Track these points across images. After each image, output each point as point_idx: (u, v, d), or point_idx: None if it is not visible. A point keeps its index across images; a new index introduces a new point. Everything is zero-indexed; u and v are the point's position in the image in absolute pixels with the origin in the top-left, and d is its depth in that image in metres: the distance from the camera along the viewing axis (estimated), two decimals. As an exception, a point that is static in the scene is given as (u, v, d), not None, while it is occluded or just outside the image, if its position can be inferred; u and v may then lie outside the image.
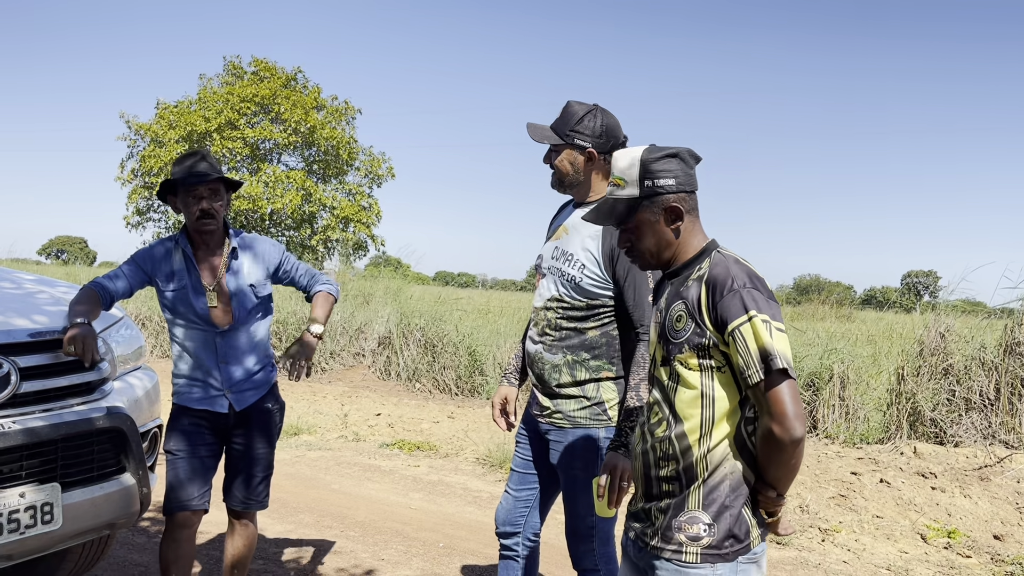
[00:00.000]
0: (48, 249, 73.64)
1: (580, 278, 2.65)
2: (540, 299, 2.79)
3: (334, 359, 11.09)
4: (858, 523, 5.00)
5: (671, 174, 1.94)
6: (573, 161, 2.70)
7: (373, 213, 30.46)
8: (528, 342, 2.84)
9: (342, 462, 6.41)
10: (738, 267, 1.85)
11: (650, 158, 1.95)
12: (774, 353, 1.74)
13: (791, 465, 1.79)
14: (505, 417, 2.99)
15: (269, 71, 29.23)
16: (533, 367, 2.79)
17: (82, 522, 2.75)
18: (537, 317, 2.78)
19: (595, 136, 2.67)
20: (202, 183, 2.95)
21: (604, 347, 2.67)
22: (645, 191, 1.95)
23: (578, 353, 2.67)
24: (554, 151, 2.72)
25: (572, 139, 2.67)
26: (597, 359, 2.67)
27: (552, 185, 2.79)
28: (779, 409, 1.74)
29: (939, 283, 61.69)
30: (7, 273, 3.50)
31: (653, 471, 1.94)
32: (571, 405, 2.69)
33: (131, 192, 29.36)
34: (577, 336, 2.67)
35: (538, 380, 2.78)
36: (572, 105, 2.70)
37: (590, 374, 2.67)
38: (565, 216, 2.83)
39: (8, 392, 2.63)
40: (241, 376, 3.05)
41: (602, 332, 2.67)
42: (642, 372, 2.54)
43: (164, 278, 3.02)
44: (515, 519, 2.88)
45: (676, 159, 1.95)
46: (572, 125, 2.67)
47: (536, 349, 2.77)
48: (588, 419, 2.67)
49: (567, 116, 2.70)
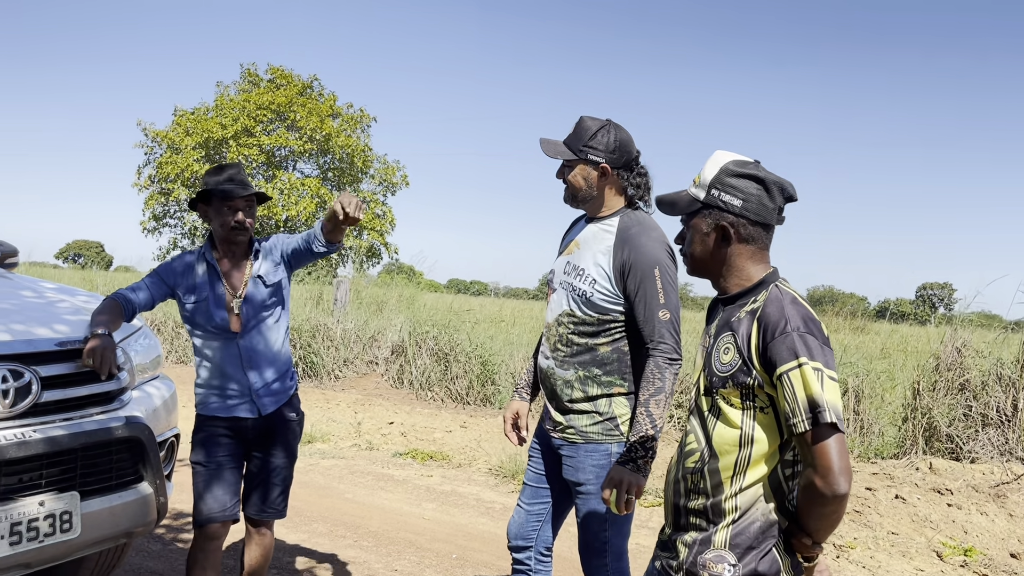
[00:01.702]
0: (65, 253, 74.22)
1: (591, 293, 2.65)
2: (552, 314, 2.79)
3: (347, 366, 11.11)
4: (873, 539, 4.97)
5: (741, 195, 1.84)
6: (586, 176, 2.70)
7: (387, 221, 30.58)
8: (540, 357, 2.85)
9: (356, 471, 6.42)
10: (794, 308, 1.77)
11: (731, 170, 1.86)
12: (823, 404, 1.66)
13: (832, 519, 1.72)
14: (517, 432, 3.00)
15: (285, 79, 29.44)
16: (545, 382, 2.79)
17: (100, 531, 2.77)
18: (549, 332, 2.79)
19: (608, 151, 2.67)
20: (240, 196, 3.00)
21: (616, 363, 2.67)
22: (707, 199, 1.87)
23: (589, 368, 2.67)
24: (567, 166, 2.73)
25: (586, 154, 2.67)
26: (609, 375, 2.67)
27: (565, 200, 2.79)
28: (824, 463, 1.67)
29: (954, 296, 61.28)
30: (29, 282, 3.54)
31: (682, 501, 1.91)
32: (583, 420, 2.69)
33: (148, 198, 29.58)
34: (589, 352, 2.67)
35: (550, 395, 2.78)
36: (585, 120, 2.71)
37: (602, 389, 2.67)
38: (577, 231, 2.83)
39: (29, 401, 2.66)
40: (266, 380, 3.08)
41: (613, 347, 2.67)
42: (651, 388, 2.54)
43: (186, 290, 3.05)
44: (527, 533, 2.88)
45: (758, 184, 1.85)
46: (585, 140, 2.67)
47: (548, 364, 2.77)
48: (601, 434, 2.67)
49: (580, 131, 2.70)
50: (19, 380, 2.65)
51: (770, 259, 1.91)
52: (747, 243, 1.87)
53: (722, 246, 1.88)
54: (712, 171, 1.88)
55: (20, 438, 2.58)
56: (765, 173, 1.86)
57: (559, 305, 2.76)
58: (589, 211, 2.79)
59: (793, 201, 1.90)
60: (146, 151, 29.54)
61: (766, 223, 1.87)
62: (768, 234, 1.89)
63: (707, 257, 1.92)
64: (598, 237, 2.72)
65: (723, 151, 1.91)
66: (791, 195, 1.88)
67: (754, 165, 1.87)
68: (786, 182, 1.88)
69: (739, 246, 1.87)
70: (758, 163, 1.89)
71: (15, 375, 2.65)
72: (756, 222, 1.86)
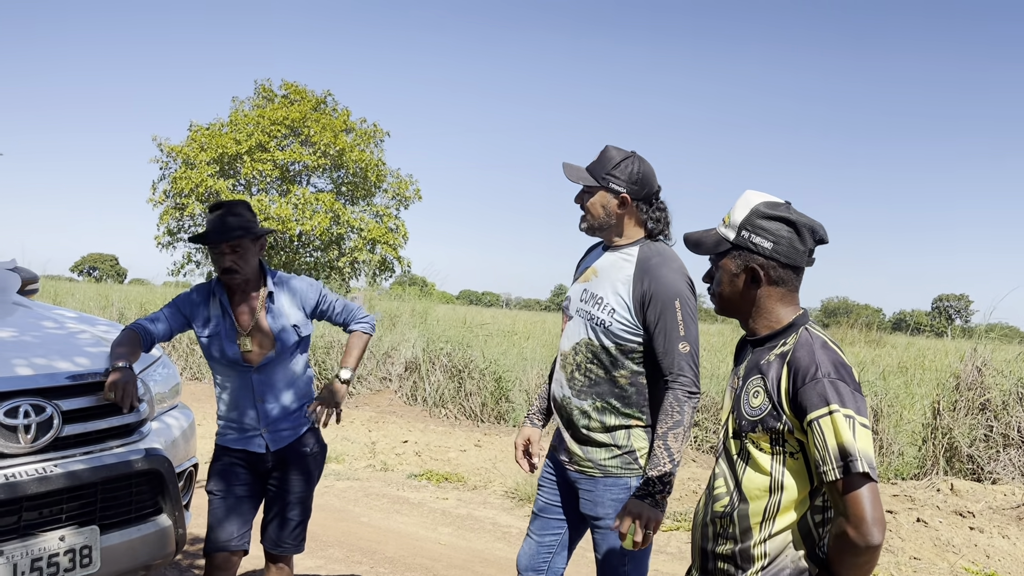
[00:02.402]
0: (80, 266, 74.71)
1: (610, 322, 2.63)
2: (568, 342, 2.76)
3: (361, 383, 11.11)
4: (895, 565, 4.91)
5: (772, 238, 1.82)
6: (606, 204, 2.68)
7: (400, 234, 30.65)
8: (555, 385, 2.81)
9: (371, 493, 6.41)
10: (824, 353, 1.74)
11: (761, 212, 1.84)
12: (854, 454, 1.63)
13: (865, 569, 1.68)
14: (528, 459, 2.97)
15: (299, 94, 29.61)
16: (561, 411, 2.76)
17: (119, 564, 2.77)
18: (565, 361, 2.76)
19: (631, 182, 2.66)
20: (223, 241, 2.96)
21: (634, 395, 2.65)
22: (737, 241, 1.86)
23: (607, 400, 2.65)
24: (587, 192, 2.71)
25: (608, 182, 2.66)
26: (627, 406, 2.65)
27: (581, 228, 2.77)
28: (857, 513, 1.63)
29: (971, 307, 60.77)
30: (49, 311, 3.55)
31: (710, 545, 1.88)
32: (602, 454, 2.66)
33: (162, 213, 29.76)
34: (607, 383, 2.65)
35: (566, 424, 2.75)
36: (610, 150, 2.71)
37: (619, 420, 2.64)
38: (594, 258, 2.82)
39: (51, 436, 2.67)
40: (278, 415, 3.06)
41: (632, 379, 2.64)
42: (670, 421, 2.51)
43: (201, 323, 3.05)
44: (538, 564, 2.85)
45: (789, 227, 1.83)
46: (609, 169, 2.66)
47: (564, 394, 2.75)
48: (619, 468, 2.64)
49: (604, 160, 2.69)
50: (41, 415, 2.66)
51: (799, 301, 1.90)
52: (777, 285, 1.85)
53: (751, 288, 1.87)
54: (743, 212, 1.86)
55: (41, 473, 2.58)
56: (796, 216, 1.85)
57: (576, 333, 2.73)
58: (606, 239, 2.77)
59: (824, 244, 1.88)
60: (161, 166, 29.75)
61: (796, 266, 1.85)
62: (798, 276, 1.87)
63: (736, 298, 1.90)
64: (617, 266, 2.70)
65: (753, 191, 1.90)
66: (822, 238, 1.87)
67: (785, 207, 1.86)
68: (817, 224, 1.86)
69: (769, 288, 1.85)
70: (789, 204, 1.87)
71: (37, 410, 2.66)
72: (786, 265, 1.84)
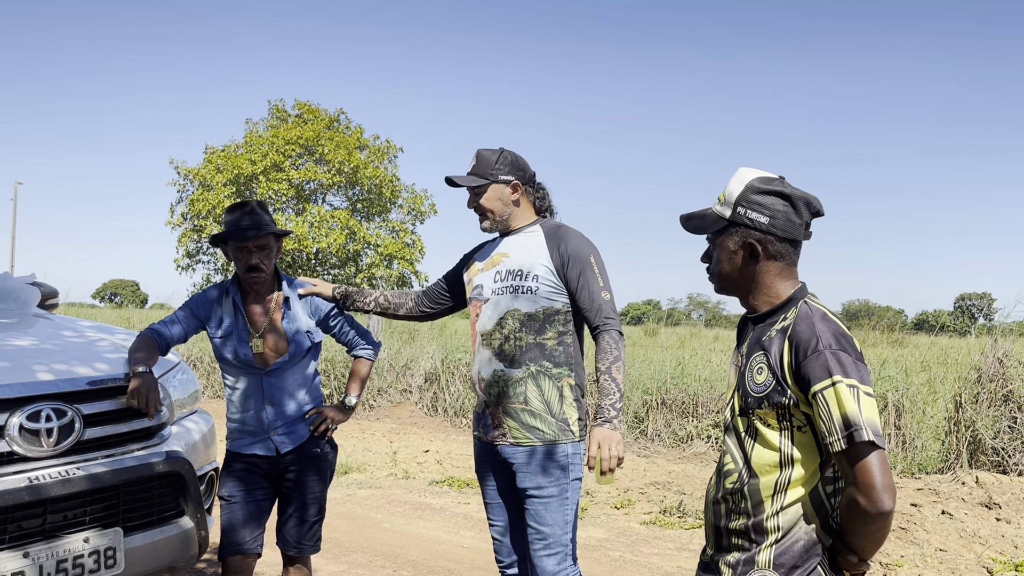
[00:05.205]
0: (102, 292, 75.52)
1: (536, 287, 2.81)
2: (490, 321, 2.88)
3: (382, 396, 11.16)
4: (920, 557, 4.86)
5: (768, 212, 1.83)
6: (501, 196, 2.90)
7: (417, 249, 30.76)
8: (480, 368, 2.90)
9: (393, 500, 6.43)
10: (824, 324, 1.74)
11: (756, 187, 1.84)
12: (859, 423, 1.63)
13: (878, 536, 1.68)
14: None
15: (312, 113, 29.86)
16: (491, 389, 2.85)
17: (143, 566, 2.80)
18: (490, 339, 2.87)
19: (515, 169, 2.91)
20: (249, 239, 2.99)
21: (561, 353, 2.82)
22: (734, 218, 1.86)
23: (540, 363, 2.80)
24: (479, 193, 2.91)
25: (496, 176, 2.89)
26: (558, 366, 2.81)
27: (484, 228, 2.97)
28: (866, 481, 1.64)
29: (994, 305, 60.09)
30: (69, 322, 3.61)
31: (723, 522, 1.88)
32: (537, 422, 2.78)
33: (181, 235, 30.04)
34: (536, 347, 2.80)
35: (498, 401, 2.84)
36: (483, 152, 2.95)
37: (552, 383, 2.78)
38: (493, 247, 2.99)
39: (72, 439, 2.71)
40: (287, 418, 3.07)
41: (559, 340, 2.82)
42: (610, 357, 2.72)
43: (215, 324, 3.09)
44: (514, 545, 2.97)
45: (784, 201, 1.83)
46: (493, 165, 2.89)
47: (493, 369, 2.84)
48: (555, 434, 2.77)
49: (483, 161, 2.91)
50: (62, 419, 2.70)
51: (798, 275, 1.90)
52: (775, 260, 1.86)
53: (750, 264, 1.87)
54: (737, 188, 1.86)
55: (64, 476, 2.62)
56: (791, 189, 1.85)
57: (499, 310, 2.85)
58: (504, 228, 2.95)
59: (820, 216, 1.88)
60: (179, 189, 30.05)
61: (794, 239, 1.86)
62: (796, 250, 1.87)
63: (735, 275, 1.90)
64: (526, 242, 2.90)
65: (747, 168, 1.90)
66: (818, 210, 1.87)
67: (779, 181, 1.86)
68: (812, 197, 1.86)
69: (767, 263, 1.86)
70: (783, 179, 1.88)
71: (58, 414, 2.70)
72: (784, 238, 1.84)
